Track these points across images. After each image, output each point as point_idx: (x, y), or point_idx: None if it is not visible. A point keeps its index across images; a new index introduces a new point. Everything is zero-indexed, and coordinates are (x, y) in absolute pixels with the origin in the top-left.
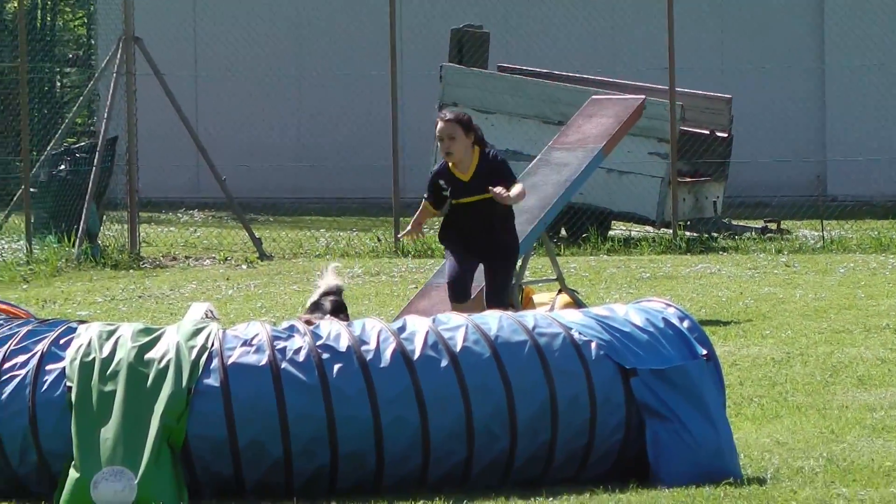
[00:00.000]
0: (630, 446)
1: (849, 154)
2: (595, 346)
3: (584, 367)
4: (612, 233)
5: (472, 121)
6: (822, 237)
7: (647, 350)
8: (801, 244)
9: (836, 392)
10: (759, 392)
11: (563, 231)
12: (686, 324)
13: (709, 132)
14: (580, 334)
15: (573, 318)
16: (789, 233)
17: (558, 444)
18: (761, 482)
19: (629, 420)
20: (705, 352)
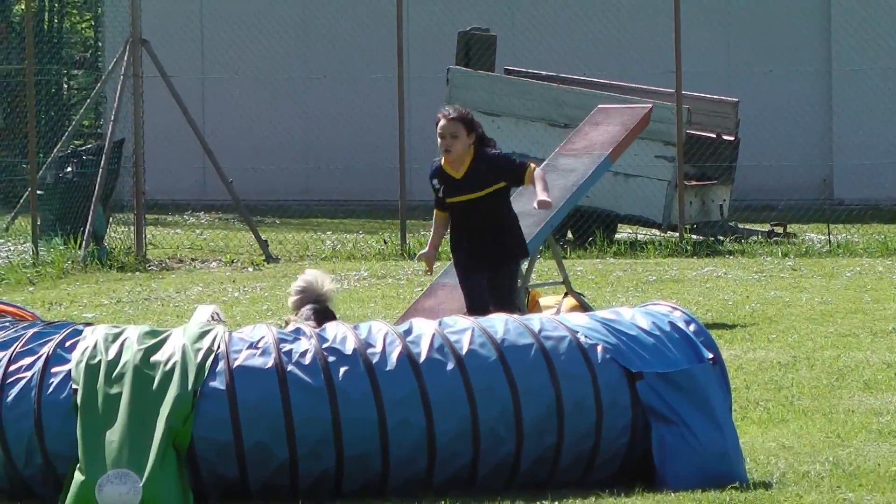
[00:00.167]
0: (636, 449)
1: (855, 157)
2: (601, 349)
3: (591, 371)
4: (618, 236)
5: (474, 118)
6: (829, 241)
7: (654, 353)
8: (807, 248)
9: (842, 396)
10: (765, 396)
11: (570, 234)
12: (692, 327)
13: (715, 135)
14: (586, 338)
15: (579, 322)
16: (796, 236)
17: (564, 446)
18: (767, 486)
19: (635, 423)
20: (711, 355)
